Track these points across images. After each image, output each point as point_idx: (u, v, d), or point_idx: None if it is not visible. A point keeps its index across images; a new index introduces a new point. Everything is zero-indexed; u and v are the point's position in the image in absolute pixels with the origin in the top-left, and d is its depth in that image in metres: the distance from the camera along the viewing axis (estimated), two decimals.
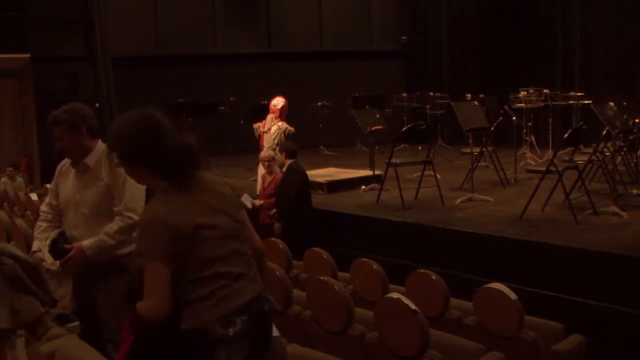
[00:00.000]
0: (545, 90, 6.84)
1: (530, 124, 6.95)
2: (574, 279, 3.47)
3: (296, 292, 2.83)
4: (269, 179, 4.99)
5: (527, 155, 6.77)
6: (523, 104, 6.57)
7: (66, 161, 2.31)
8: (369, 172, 6.12)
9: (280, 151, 4.80)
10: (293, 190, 4.54)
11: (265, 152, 5.21)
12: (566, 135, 4.43)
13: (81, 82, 8.15)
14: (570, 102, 7.02)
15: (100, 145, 2.23)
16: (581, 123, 5.09)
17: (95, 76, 7.82)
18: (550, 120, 7.00)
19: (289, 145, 4.81)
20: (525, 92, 6.64)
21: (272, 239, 3.75)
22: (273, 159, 5.04)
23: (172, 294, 1.41)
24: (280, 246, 3.57)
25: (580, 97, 7.00)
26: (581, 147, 5.37)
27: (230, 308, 1.45)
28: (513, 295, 2.54)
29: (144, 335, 1.44)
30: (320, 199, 5.37)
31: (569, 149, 5.54)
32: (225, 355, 1.40)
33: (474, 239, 4.02)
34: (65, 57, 8.15)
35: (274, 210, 4.71)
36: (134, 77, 8.45)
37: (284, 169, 4.67)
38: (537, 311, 2.77)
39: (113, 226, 2.13)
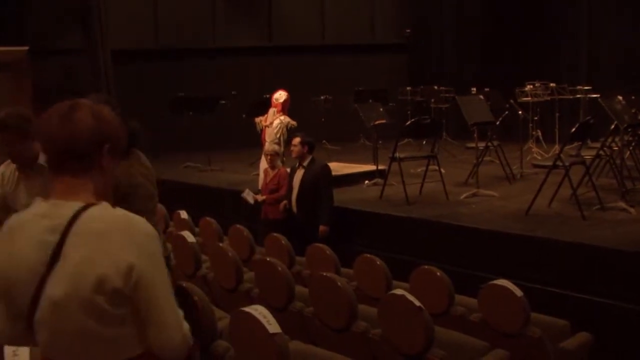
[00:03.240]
0: (551, 84, 6.81)
1: (536, 118, 6.93)
2: (580, 275, 3.46)
3: (298, 289, 2.82)
4: (271, 173, 4.97)
5: (533, 150, 6.76)
6: (529, 98, 6.55)
7: (6, 168, 2.25)
8: (372, 167, 6.11)
9: (302, 144, 4.66)
10: (327, 185, 4.51)
11: (269, 146, 5.19)
12: (573, 130, 4.41)
13: (80, 75, 8.12)
14: (578, 95, 6.98)
15: None
16: (588, 117, 5.06)
17: (94, 70, 7.78)
18: (557, 114, 6.97)
19: (310, 138, 4.67)
20: (531, 86, 6.61)
21: (275, 234, 3.74)
22: (277, 153, 5.01)
23: None
24: (283, 242, 3.57)
25: (588, 91, 6.95)
26: (588, 141, 5.35)
27: None
28: (519, 292, 2.53)
29: None
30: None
31: (576, 143, 5.51)
32: None
33: (479, 234, 4.01)
34: (63, 50, 8.12)
35: (284, 202, 4.64)
36: (133, 71, 8.44)
37: (304, 164, 4.60)
38: (543, 308, 2.77)
39: None
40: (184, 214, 4.52)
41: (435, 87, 8.42)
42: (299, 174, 4.62)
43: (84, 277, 1.06)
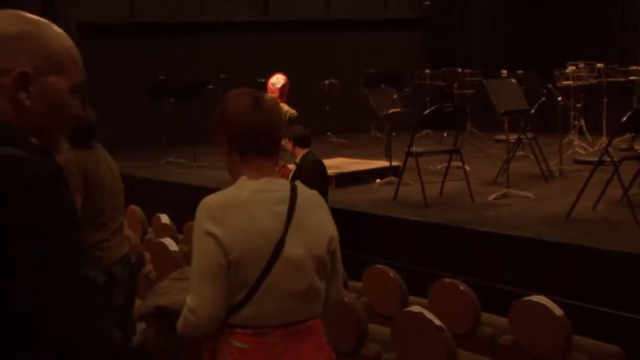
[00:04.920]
0: (598, 65, 6.76)
1: (579, 105, 6.89)
2: (633, 292, 3.43)
3: None
4: None
5: (575, 143, 6.73)
6: (571, 82, 6.51)
7: None
8: (385, 163, 6.11)
9: (288, 138, 4.69)
10: (315, 186, 4.48)
11: None
12: (624, 119, 4.38)
13: None
14: (631, 78, 6.92)
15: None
16: None
17: None
18: (605, 100, 6.93)
19: (298, 131, 4.64)
20: (573, 67, 6.57)
21: None
22: (282, 147, 4.98)
23: None
24: None
25: None
26: None
27: (112, 259, 2.13)
28: (558, 311, 2.52)
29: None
30: (328, 195, 5.36)
31: (627, 135, 5.47)
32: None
33: (510, 242, 4.00)
34: None
35: None
36: (103, 49, 8.42)
37: (296, 161, 4.61)
38: (589, 331, 2.74)
39: None
40: (164, 218, 4.52)
41: (459, 70, 8.41)
42: (292, 173, 4.63)
43: (319, 238, 1.50)
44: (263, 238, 1.43)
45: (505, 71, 7.33)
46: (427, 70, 8.76)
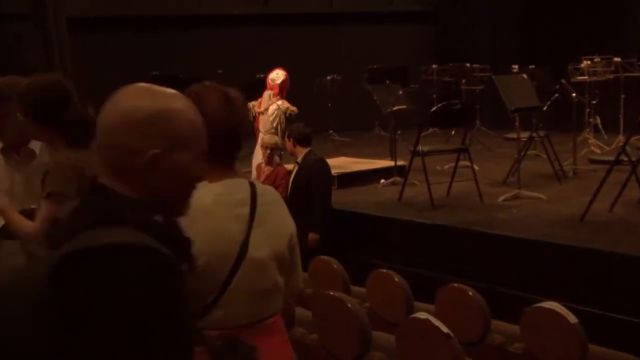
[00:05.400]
0: (615, 59, 6.74)
1: (594, 101, 6.86)
2: None
3: (299, 311, 2.83)
4: (266, 171, 4.95)
5: (590, 141, 6.72)
6: (586, 77, 6.49)
7: None
8: (389, 163, 6.12)
9: (288, 137, 4.69)
10: (322, 189, 4.51)
11: (267, 137, 5.15)
12: None
13: (26, 48, 8.00)
14: None
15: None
16: None
17: (45, 42, 7.69)
18: (622, 96, 6.91)
19: (299, 129, 4.65)
20: (588, 62, 6.54)
21: None
22: (277, 146, 4.98)
23: None
24: None
25: None
26: None
27: None
28: (572, 318, 2.50)
29: None
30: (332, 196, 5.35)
31: None
32: None
33: (521, 246, 3.99)
34: (5, 14, 8.03)
35: None
36: (95, 43, 8.43)
37: (298, 160, 4.61)
38: (605, 339, 2.72)
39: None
40: None
41: (468, 65, 8.40)
42: (293, 173, 4.63)
43: (281, 236, 1.56)
44: (228, 242, 1.48)
45: (516, 66, 7.32)
46: (433, 66, 8.75)
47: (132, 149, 0.99)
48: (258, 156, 5.28)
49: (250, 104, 6.03)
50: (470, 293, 2.79)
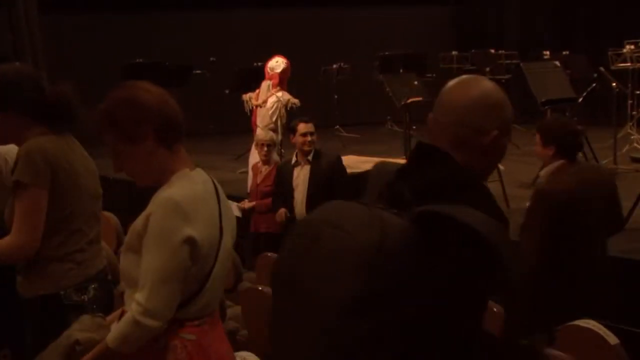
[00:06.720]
0: None
1: (638, 92, 6.84)
2: None
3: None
4: (264, 170, 4.93)
5: (632, 137, 6.71)
6: (628, 64, 6.48)
7: None
8: (403, 162, 6.07)
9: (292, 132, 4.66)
10: (346, 182, 4.51)
11: (263, 133, 5.14)
12: None
13: None
14: None
15: None
16: None
17: (13, 25, 7.66)
18: None
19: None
20: (632, 46, 6.52)
21: (269, 253, 3.72)
22: (274, 142, 4.98)
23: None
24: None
25: None
26: None
27: (87, 275, 2.05)
28: (613, 339, 2.48)
29: None
30: None
31: None
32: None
33: None
34: None
35: (283, 211, 4.54)
36: (70, 26, 8.47)
37: (309, 157, 4.59)
38: None
39: None
40: None
41: (492, 51, 8.41)
42: (304, 172, 4.60)
43: (233, 223, 1.76)
44: (215, 230, 1.67)
45: (547, 53, 7.31)
46: (453, 52, 8.77)
47: (480, 128, 1.29)
48: (255, 155, 5.28)
49: (247, 96, 6.06)
50: (495, 309, 2.77)
